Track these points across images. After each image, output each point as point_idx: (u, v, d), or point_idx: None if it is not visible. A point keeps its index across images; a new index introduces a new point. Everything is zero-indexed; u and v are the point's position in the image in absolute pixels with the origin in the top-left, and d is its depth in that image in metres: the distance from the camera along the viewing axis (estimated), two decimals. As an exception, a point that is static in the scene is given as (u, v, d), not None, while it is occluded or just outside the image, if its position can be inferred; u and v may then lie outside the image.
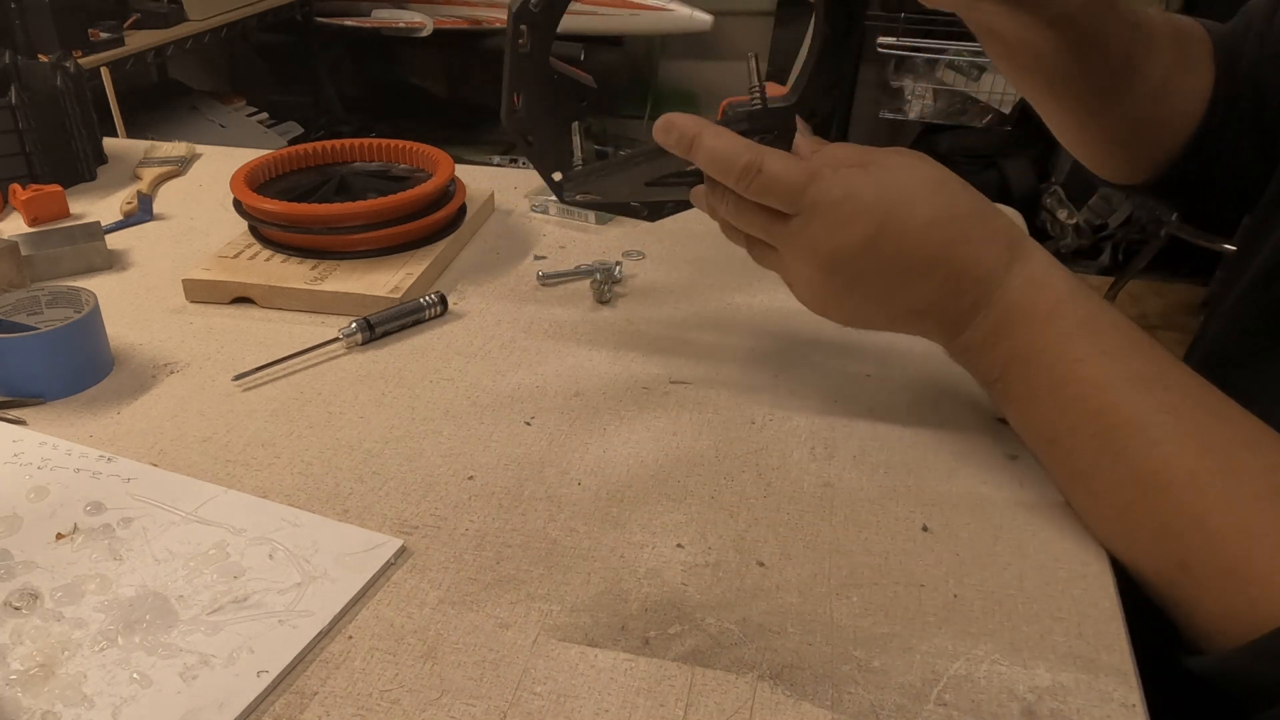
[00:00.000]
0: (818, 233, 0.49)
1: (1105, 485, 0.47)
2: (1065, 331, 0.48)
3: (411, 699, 0.40)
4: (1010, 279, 0.49)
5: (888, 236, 0.48)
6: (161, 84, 2.82)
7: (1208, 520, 0.43)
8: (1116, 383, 0.46)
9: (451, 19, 2.90)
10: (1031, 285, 0.49)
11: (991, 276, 0.49)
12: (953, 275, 0.49)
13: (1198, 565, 0.43)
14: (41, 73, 0.91)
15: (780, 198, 0.49)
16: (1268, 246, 0.59)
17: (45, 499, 0.51)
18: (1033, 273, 0.49)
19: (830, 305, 0.53)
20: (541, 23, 0.51)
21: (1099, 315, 0.48)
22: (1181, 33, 0.66)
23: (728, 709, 0.40)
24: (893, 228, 0.48)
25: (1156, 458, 0.44)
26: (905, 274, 0.49)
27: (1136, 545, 0.46)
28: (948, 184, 0.50)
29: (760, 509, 0.51)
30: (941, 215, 0.49)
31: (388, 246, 0.75)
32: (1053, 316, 0.48)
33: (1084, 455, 0.47)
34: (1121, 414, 0.46)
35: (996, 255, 0.49)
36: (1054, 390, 0.48)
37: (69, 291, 0.63)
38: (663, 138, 0.51)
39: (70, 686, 0.40)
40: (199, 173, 0.99)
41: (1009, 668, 0.42)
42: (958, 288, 0.50)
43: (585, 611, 0.45)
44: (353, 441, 0.56)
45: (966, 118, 2.61)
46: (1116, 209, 2.31)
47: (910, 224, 0.48)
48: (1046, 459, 0.51)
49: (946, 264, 0.49)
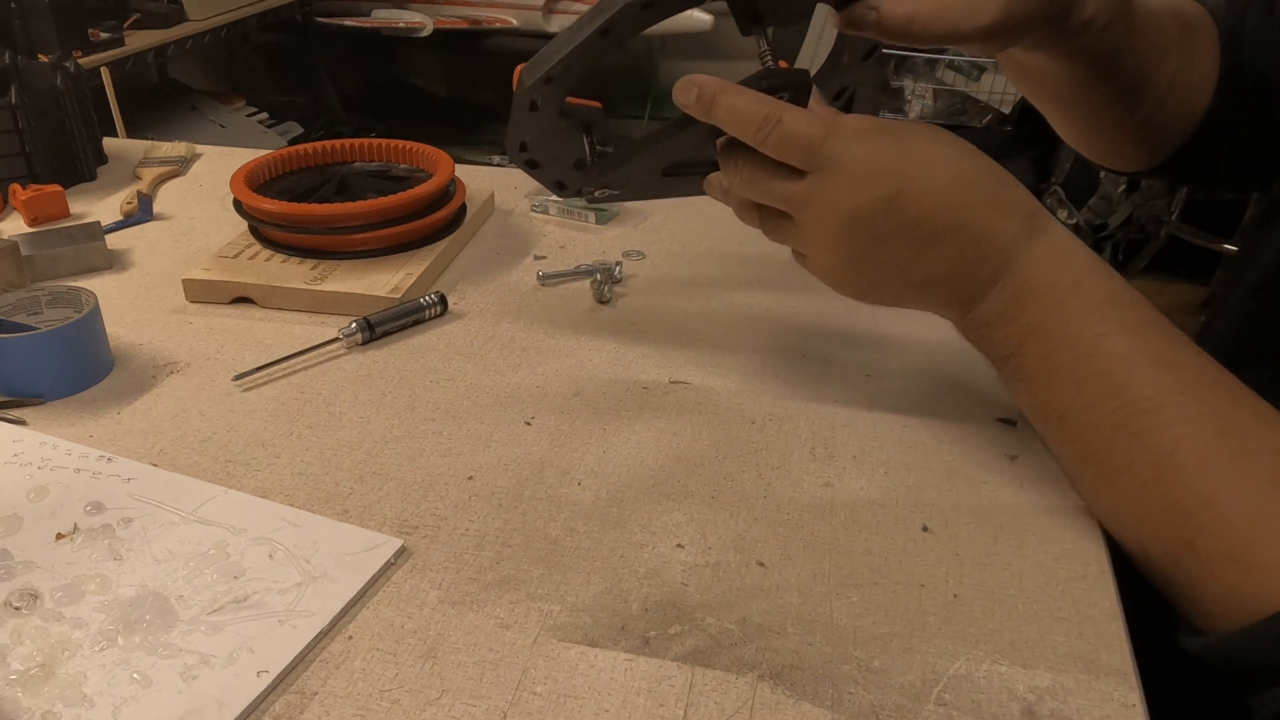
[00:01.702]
0: (836, 191, 0.48)
1: (1118, 464, 0.46)
2: (1088, 306, 0.47)
3: (411, 699, 0.40)
4: (1031, 250, 0.48)
5: (909, 196, 0.47)
6: (161, 84, 2.82)
7: (1217, 501, 0.43)
8: (1137, 360, 0.46)
9: (451, 19, 2.90)
10: (1053, 258, 0.48)
11: (1013, 246, 0.48)
12: (974, 241, 0.48)
13: (1205, 545, 0.43)
14: (41, 73, 0.91)
15: (798, 151, 0.48)
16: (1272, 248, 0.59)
17: (45, 499, 0.51)
18: (1054, 245, 0.48)
19: (848, 274, 0.51)
20: (559, 85, 0.51)
21: (1121, 292, 0.48)
22: (1187, 27, 0.65)
23: (728, 709, 0.40)
24: (914, 188, 0.47)
25: (1171, 437, 0.44)
26: (927, 238, 0.48)
27: (1145, 524, 0.46)
28: (972, 154, 0.49)
29: (760, 509, 0.51)
30: (963, 179, 0.48)
31: (388, 246, 0.75)
32: (1075, 291, 0.48)
33: (1098, 433, 0.47)
34: (1140, 392, 0.45)
35: (1018, 225, 0.48)
36: (1073, 365, 0.47)
37: (69, 291, 0.63)
38: (682, 98, 0.49)
39: (70, 686, 0.40)
40: (199, 173, 0.99)
41: (1009, 668, 0.42)
42: (978, 255, 0.48)
43: (585, 611, 0.45)
44: (353, 441, 0.56)
45: (966, 118, 2.61)
46: (1117, 209, 2.31)
47: (933, 185, 0.47)
48: (1056, 436, 0.50)
49: (968, 229, 0.48)
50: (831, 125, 0.48)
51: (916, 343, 0.66)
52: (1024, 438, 0.56)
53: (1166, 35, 0.64)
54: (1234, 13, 0.66)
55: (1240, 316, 0.62)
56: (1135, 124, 0.67)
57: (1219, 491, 0.43)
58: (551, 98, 0.51)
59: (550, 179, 0.59)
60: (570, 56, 0.47)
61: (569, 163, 0.58)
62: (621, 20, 0.45)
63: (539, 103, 0.51)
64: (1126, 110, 0.65)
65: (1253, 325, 0.61)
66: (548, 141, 0.56)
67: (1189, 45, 0.65)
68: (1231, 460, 0.43)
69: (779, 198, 0.50)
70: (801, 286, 0.73)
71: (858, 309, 0.70)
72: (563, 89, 0.51)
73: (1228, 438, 0.44)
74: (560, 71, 0.48)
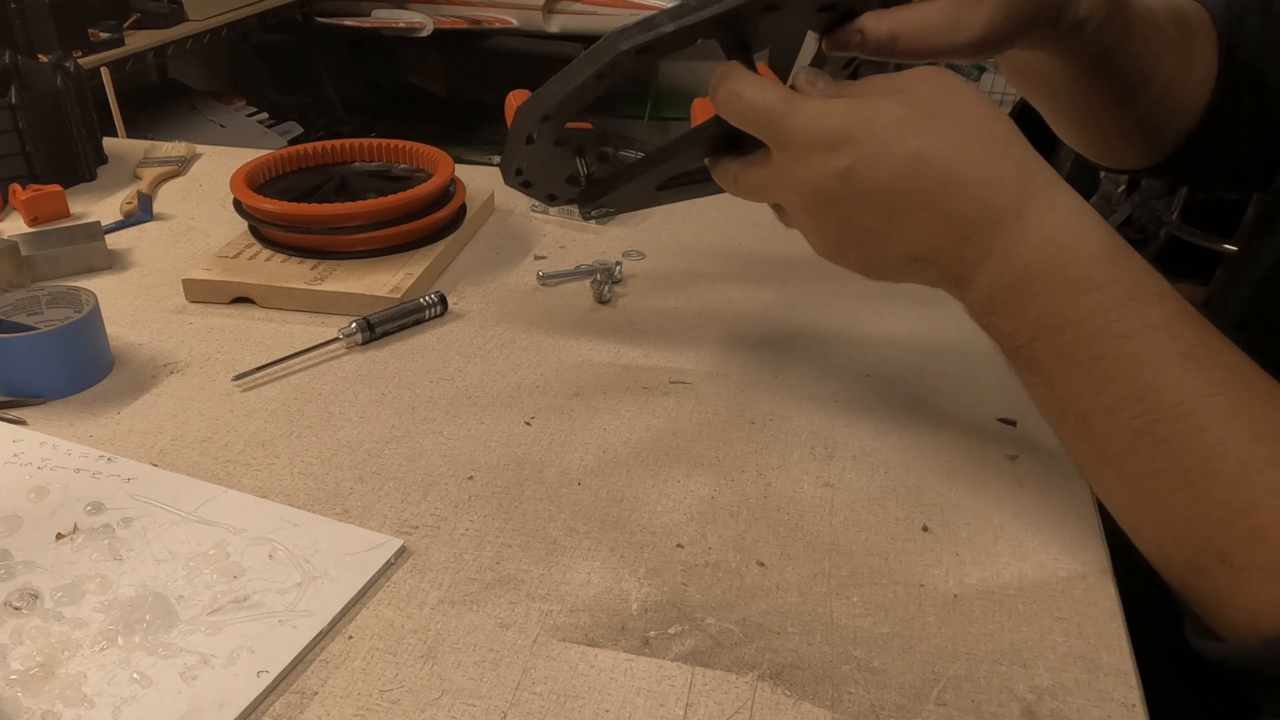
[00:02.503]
0: (797, 168, 0.46)
1: (1142, 470, 0.43)
2: (1107, 302, 0.44)
3: (411, 699, 0.40)
4: (1025, 233, 0.45)
5: (863, 166, 0.45)
6: (161, 84, 2.82)
7: (1255, 511, 0.40)
8: (1163, 361, 0.43)
9: (451, 19, 2.90)
10: (1055, 244, 0.45)
11: (996, 225, 0.45)
12: (945, 219, 0.45)
13: (1239, 556, 0.40)
14: (41, 73, 0.91)
15: (759, 127, 0.46)
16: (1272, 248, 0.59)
17: (45, 499, 0.51)
18: (1058, 227, 0.45)
19: (838, 253, 0.49)
20: (555, 122, 0.52)
21: (1144, 281, 0.45)
22: (1185, 27, 0.65)
23: (728, 709, 0.40)
24: (868, 159, 0.45)
25: (1204, 445, 0.42)
26: (891, 212, 0.45)
27: (1169, 532, 0.43)
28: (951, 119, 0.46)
29: (760, 509, 0.51)
30: (932, 151, 0.45)
31: (388, 246, 0.75)
32: (1090, 284, 0.44)
33: (1120, 438, 0.43)
34: (1168, 397, 0.42)
35: (1003, 204, 0.45)
36: (1092, 365, 0.44)
37: (69, 291, 0.63)
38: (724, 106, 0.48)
39: (70, 686, 0.40)
40: (199, 173, 0.99)
41: (1009, 668, 0.42)
42: (958, 235, 0.45)
43: (585, 611, 0.45)
44: (353, 441, 0.56)
45: (967, 117, 2.61)
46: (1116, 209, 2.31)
47: (891, 156, 0.45)
48: (1072, 436, 0.47)
49: (938, 205, 0.45)
50: (793, 99, 0.46)
51: (917, 343, 0.66)
52: (1024, 438, 0.56)
53: (1164, 34, 0.63)
54: (1233, 13, 0.66)
55: (1240, 316, 0.62)
56: (1133, 122, 0.66)
57: (1258, 502, 0.40)
58: (548, 132, 0.53)
59: (543, 194, 0.61)
60: (567, 98, 0.49)
61: (562, 179, 0.60)
62: (616, 65, 0.46)
63: (534, 137, 0.53)
64: (1124, 109, 0.64)
65: (1253, 325, 0.61)
66: (542, 166, 0.58)
67: (1187, 44, 0.65)
68: (1271, 467, 0.40)
69: (758, 188, 0.49)
70: (802, 286, 0.73)
71: (858, 308, 0.70)
72: (558, 124, 0.53)
73: (1265, 443, 0.41)
74: (557, 110, 0.51)
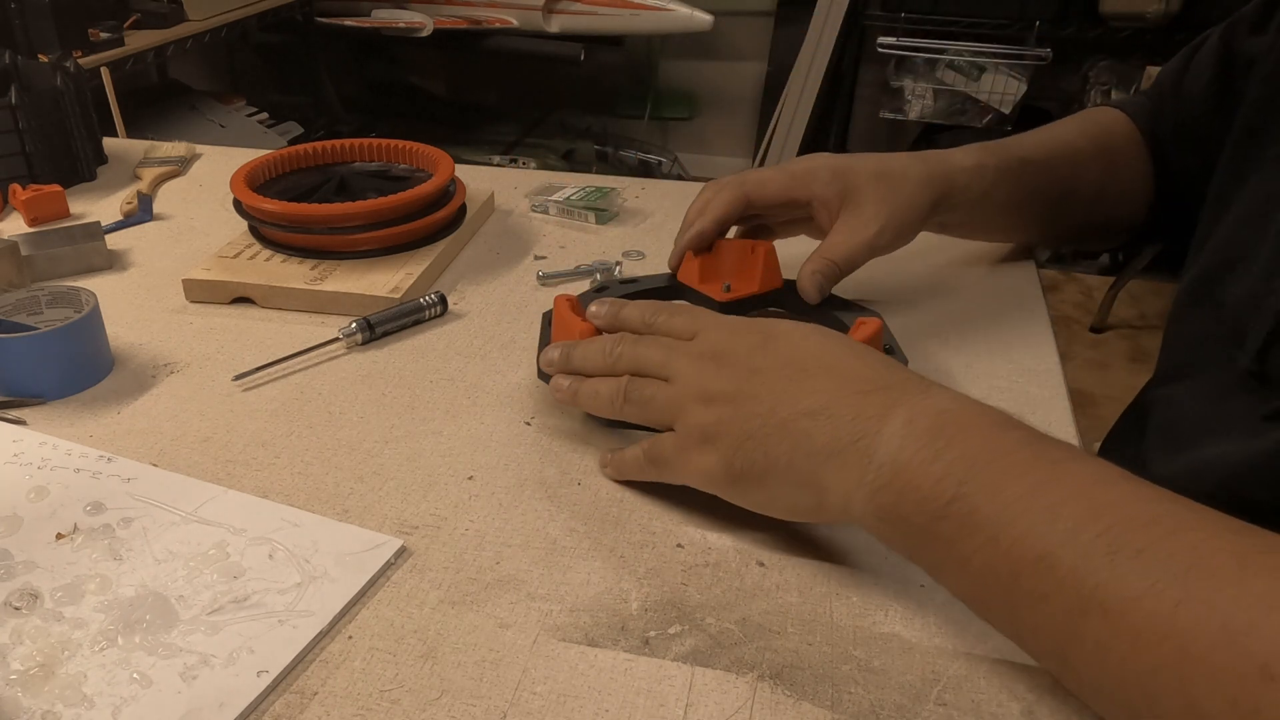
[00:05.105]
0: (713, 335, 0.50)
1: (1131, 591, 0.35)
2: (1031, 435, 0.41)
3: (411, 699, 0.40)
4: (931, 395, 0.44)
5: (778, 339, 0.48)
6: (161, 84, 2.82)
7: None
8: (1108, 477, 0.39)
9: (451, 19, 2.90)
10: (962, 402, 0.43)
11: (899, 391, 0.44)
12: (845, 379, 0.45)
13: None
14: (41, 73, 0.91)
15: (681, 329, 0.52)
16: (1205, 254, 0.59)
17: (45, 499, 0.51)
18: (960, 397, 0.44)
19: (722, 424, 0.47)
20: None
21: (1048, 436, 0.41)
22: (1103, 138, 0.71)
23: (728, 709, 0.40)
24: (781, 337, 0.48)
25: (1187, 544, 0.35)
26: (800, 371, 0.46)
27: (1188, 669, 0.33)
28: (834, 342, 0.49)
29: (760, 509, 0.51)
30: (826, 341, 0.48)
31: (388, 246, 0.75)
32: (1009, 423, 0.42)
33: (1094, 563, 0.36)
34: (1129, 509, 0.37)
35: (900, 385, 0.45)
36: (1035, 494, 0.38)
37: (69, 291, 0.64)
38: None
39: (70, 686, 0.40)
40: (199, 173, 0.99)
41: (1009, 668, 0.42)
42: (857, 389, 0.45)
43: (585, 611, 0.45)
44: (353, 441, 0.56)
45: (966, 118, 2.61)
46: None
47: (800, 337, 0.48)
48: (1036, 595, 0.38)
49: (839, 371, 0.46)
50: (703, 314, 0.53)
51: (915, 343, 0.66)
52: (1024, 438, 0.56)
53: (1076, 152, 0.70)
54: (1153, 109, 0.72)
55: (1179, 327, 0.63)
56: (1074, 226, 0.75)
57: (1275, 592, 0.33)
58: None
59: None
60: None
61: None
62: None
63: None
64: (1057, 221, 0.73)
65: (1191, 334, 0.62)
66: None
67: (1108, 154, 0.71)
68: (1269, 554, 0.34)
69: (660, 361, 0.51)
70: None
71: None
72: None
73: (1245, 535, 0.35)
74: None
